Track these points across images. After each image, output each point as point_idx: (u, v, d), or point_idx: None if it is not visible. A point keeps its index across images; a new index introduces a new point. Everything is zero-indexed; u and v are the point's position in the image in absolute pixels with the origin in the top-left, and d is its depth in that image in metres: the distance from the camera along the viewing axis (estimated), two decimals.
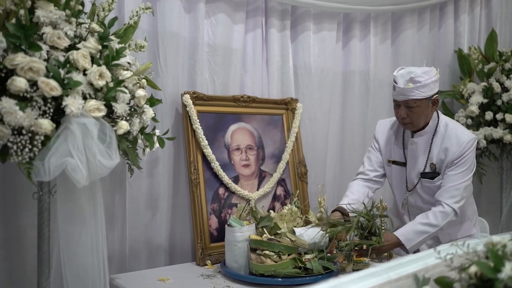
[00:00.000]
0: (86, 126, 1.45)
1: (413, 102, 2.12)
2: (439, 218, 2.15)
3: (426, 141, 2.26)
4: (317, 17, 2.80)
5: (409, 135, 2.32)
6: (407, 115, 2.17)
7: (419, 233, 2.14)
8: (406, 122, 2.21)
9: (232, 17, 2.50)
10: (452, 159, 2.19)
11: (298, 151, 2.64)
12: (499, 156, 3.26)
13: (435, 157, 2.24)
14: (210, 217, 2.28)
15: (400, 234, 2.14)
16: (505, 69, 3.15)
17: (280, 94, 2.69)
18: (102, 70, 1.51)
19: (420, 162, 2.28)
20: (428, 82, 2.11)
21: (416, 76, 2.10)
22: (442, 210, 2.16)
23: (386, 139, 2.41)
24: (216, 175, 2.32)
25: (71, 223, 1.53)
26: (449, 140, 2.21)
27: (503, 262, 0.92)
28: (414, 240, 2.13)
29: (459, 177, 2.18)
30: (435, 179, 2.25)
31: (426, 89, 2.11)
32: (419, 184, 2.30)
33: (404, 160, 2.34)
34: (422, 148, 2.27)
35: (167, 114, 2.28)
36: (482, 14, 3.55)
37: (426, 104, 2.16)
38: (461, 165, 2.18)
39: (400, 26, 3.14)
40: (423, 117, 2.20)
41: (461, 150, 2.17)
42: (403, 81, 2.13)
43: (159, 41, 2.25)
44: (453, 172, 2.19)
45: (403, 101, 2.14)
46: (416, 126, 2.23)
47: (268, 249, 1.86)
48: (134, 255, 2.24)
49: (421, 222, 2.16)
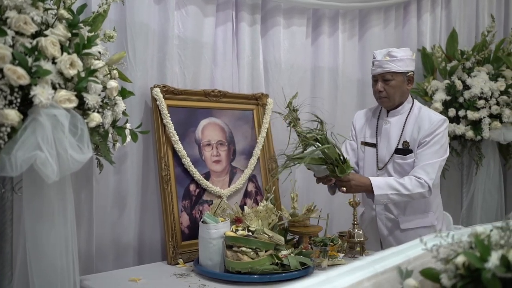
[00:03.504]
0: (57, 117, 1.36)
1: (390, 75, 2.25)
2: (413, 184, 2.16)
3: (400, 121, 2.33)
4: (287, 12, 2.79)
5: (384, 116, 2.40)
6: (384, 88, 2.27)
7: (390, 187, 2.16)
8: (382, 96, 2.30)
9: (202, 10, 2.44)
10: (424, 136, 2.24)
11: (269, 147, 2.61)
12: (460, 151, 3.35)
13: (408, 135, 2.30)
14: (181, 215, 2.21)
15: (373, 180, 2.18)
16: (466, 68, 3.24)
17: (250, 89, 2.65)
18: (74, 59, 1.42)
19: (393, 140, 2.33)
20: (404, 58, 2.25)
21: (393, 51, 2.27)
22: (418, 180, 2.17)
23: (361, 124, 2.49)
24: (187, 171, 2.25)
25: (39, 222, 1.43)
26: (422, 121, 2.28)
27: (489, 251, 0.92)
28: (383, 190, 2.15)
29: (433, 155, 2.21)
30: (408, 155, 2.28)
31: (401, 64, 2.24)
32: (390, 162, 2.32)
33: (375, 141, 2.39)
34: (396, 127, 2.34)
35: (136, 108, 2.20)
36: (442, 14, 3.63)
37: (402, 80, 2.27)
38: (434, 143, 2.23)
39: (367, 23, 3.17)
40: (399, 93, 2.29)
41: (433, 127, 2.24)
42: (381, 55, 2.28)
43: (128, 32, 2.16)
44: (427, 150, 2.23)
45: (380, 74, 2.26)
46: (391, 101, 2.31)
47: (245, 246, 1.82)
48: (101, 255, 2.14)
49: (396, 180, 2.19)
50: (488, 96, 3.09)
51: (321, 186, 2.99)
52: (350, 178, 2.11)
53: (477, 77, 3.13)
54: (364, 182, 2.17)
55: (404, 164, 2.28)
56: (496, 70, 3.23)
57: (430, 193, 2.20)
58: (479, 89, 3.07)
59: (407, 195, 2.17)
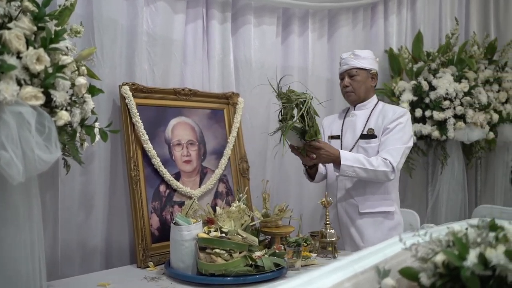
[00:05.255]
0: (22, 115, 1.29)
1: (355, 71, 2.42)
2: (379, 162, 2.25)
3: (365, 114, 2.47)
4: (258, 10, 2.76)
5: (351, 112, 2.52)
6: (350, 83, 2.43)
7: (357, 160, 2.24)
8: (348, 91, 2.45)
9: (172, 6, 2.38)
10: (389, 122, 2.35)
11: (240, 146, 2.58)
12: (426, 151, 3.42)
13: (373, 123, 2.42)
14: (151, 216, 2.15)
15: (342, 152, 2.26)
16: (432, 69, 3.31)
17: (221, 88, 2.61)
18: (40, 54, 1.35)
19: (358, 129, 2.44)
20: (367, 57, 2.45)
21: (357, 51, 2.47)
22: (384, 159, 2.26)
23: (330, 122, 2.62)
24: (157, 171, 2.19)
25: (3, 225, 1.35)
26: (386, 112, 2.42)
27: (467, 250, 0.92)
28: (350, 161, 2.22)
29: (397, 141, 2.30)
30: (372, 140, 2.38)
31: (365, 61, 2.43)
32: (355, 147, 2.40)
33: (340, 133, 2.50)
34: (362, 118, 2.46)
35: (103, 106, 2.12)
36: (408, 16, 3.70)
37: (366, 76, 2.44)
38: (398, 131, 2.33)
39: (336, 23, 3.19)
40: (364, 88, 2.44)
41: (396, 116, 2.36)
42: (347, 55, 2.47)
43: (95, 27, 2.09)
44: (391, 136, 2.32)
45: (346, 71, 2.43)
46: (357, 95, 2.44)
47: (219, 247, 1.78)
48: (67, 259, 2.05)
49: (363, 156, 2.28)
50: (452, 97, 3.17)
51: (292, 187, 3.01)
52: (322, 146, 2.18)
53: (443, 78, 3.20)
54: (333, 152, 2.23)
55: (368, 148, 2.37)
56: (459, 71, 3.32)
57: (393, 175, 2.27)
58: (445, 90, 3.15)
59: (372, 170, 2.24)
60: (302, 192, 3.03)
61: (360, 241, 2.38)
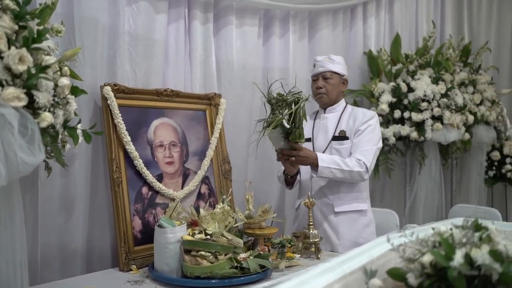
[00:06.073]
0: (4, 117, 1.25)
1: (329, 74, 2.49)
2: (354, 163, 2.33)
3: (336, 116, 2.54)
4: (239, 11, 2.76)
5: (321, 115, 2.58)
6: (323, 85, 2.49)
7: (333, 161, 2.32)
8: (322, 92, 2.50)
9: (154, 6, 2.36)
10: (360, 124, 2.44)
11: (222, 148, 2.57)
12: (404, 152, 3.47)
13: (344, 125, 2.49)
14: (134, 219, 2.12)
15: (319, 154, 2.34)
16: (410, 71, 3.37)
17: (203, 89, 2.60)
18: (23, 54, 1.31)
19: (330, 131, 2.50)
20: (341, 63, 2.54)
21: (332, 56, 2.55)
22: (358, 160, 2.34)
23: None
24: (139, 173, 2.16)
25: None
26: (356, 114, 2.51)
27: (454, 250, 0.94)
28: (326, 163, 2.30)
29: (368, 142, 2.39)
30: (345, 141, 2.44)
31: (339, 67, 2.51)
32: (328, 149, 2.46)
33: (311, 136, 2.54)
34: (333, 121, 2.53)
35: (84, 107, 2.08)
36: (386, 18, 3.75)
37: (339, 80, 2.52)
38: (369, 132, 2.42)
39: (317, 25, 3.21)
40: (336, 91, 2.52)
41: (366, 118, 2.46)
42: (323, 58, 2.54)
43: (76, 26, 2.05)
44: (363, 138, 2.40)
45: (321, 73, 2.49)
46: (329, 97, 2.51)
47: (204, 250, 1.77)
48: (47, 263, 2.00)
49: (339, 157, 2.36)
50: (430, 99, 3.22)
51: (274, 187, 3.01)
52: (302, 148, 2.24)
53: (421, 80, 3.26)
54: (310, 155, 2.29)
55: (341, 149, 2.43)
56: (437, 73, 3.38)
57: (367, 175, 2.36)
58: (423, 91, 3.20)
59: (348, 171, 2.31)
60: (284, 191, 3.04)
61: (336, 239, 2.43)
